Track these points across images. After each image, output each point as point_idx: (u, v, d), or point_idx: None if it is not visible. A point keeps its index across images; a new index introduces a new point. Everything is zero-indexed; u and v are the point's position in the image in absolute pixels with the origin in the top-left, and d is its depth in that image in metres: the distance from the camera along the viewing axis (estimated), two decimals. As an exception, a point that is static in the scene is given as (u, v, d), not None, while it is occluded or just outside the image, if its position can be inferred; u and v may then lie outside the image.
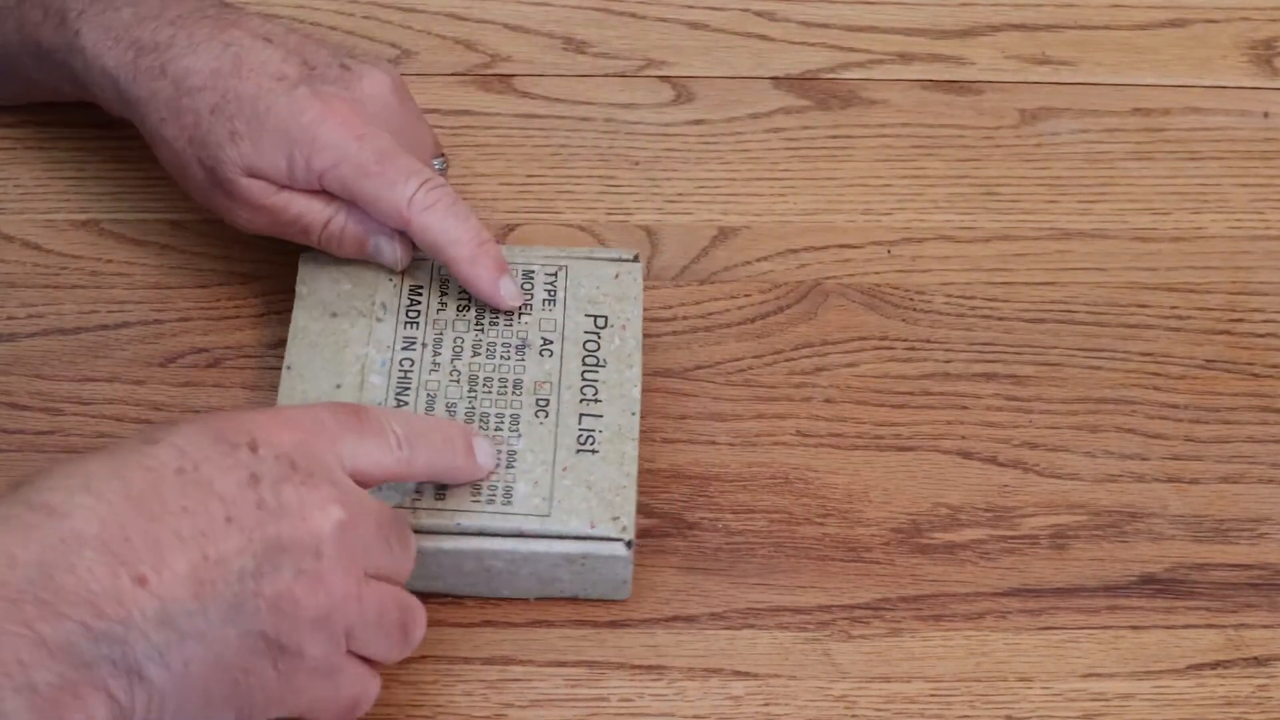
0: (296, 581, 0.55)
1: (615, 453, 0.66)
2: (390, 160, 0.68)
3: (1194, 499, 0.70)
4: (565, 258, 0.71)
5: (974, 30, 0.85)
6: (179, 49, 0.70)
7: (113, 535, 0.52)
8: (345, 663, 0.57)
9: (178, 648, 0.53)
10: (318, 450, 0.57)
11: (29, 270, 0.75)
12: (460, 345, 0.68)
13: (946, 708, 0.64)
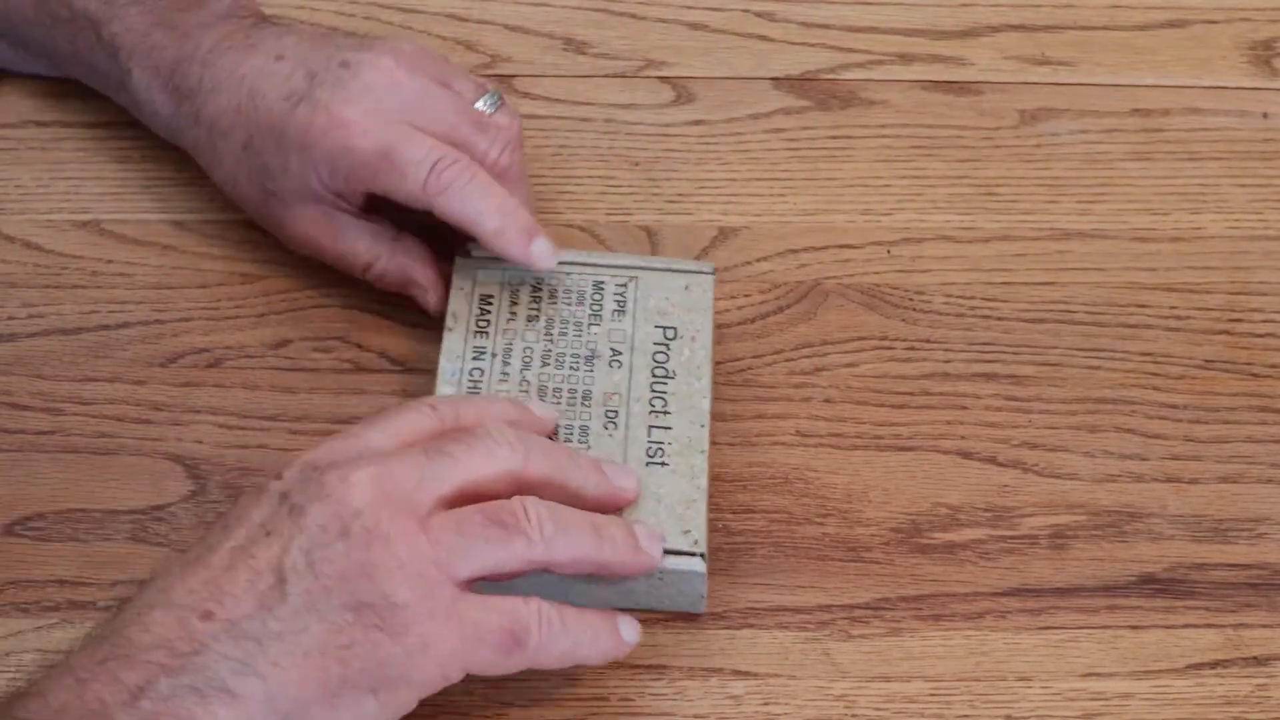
0: (349, 548, 0.56)
1: (685, 465, 0.65)
2: (394, 152, 0.68)
3: (1193, 499, 0.70)
4: (636, 267, 0.71)
5: (974, 31, 0.85)
6: (205, 93, 0.71)
7: (176, 593, 0.56)
8: (460, 596, 0.57)
9: (261, 654, 0.55)
10: (341, 447, 0.59)
11: (30, 270, 0.75)
12: (530, 355, 0.68)
13: (946, 707, 0.64)
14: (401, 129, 0.69)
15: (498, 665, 0.58)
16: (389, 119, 0.69)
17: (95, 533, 0.68)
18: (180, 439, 0.70)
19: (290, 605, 0.55)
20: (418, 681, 0.56)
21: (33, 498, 0.68)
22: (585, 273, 0.70)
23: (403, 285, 0.72)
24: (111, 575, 0.67)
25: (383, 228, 0.72)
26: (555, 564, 0.60)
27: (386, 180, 0.69)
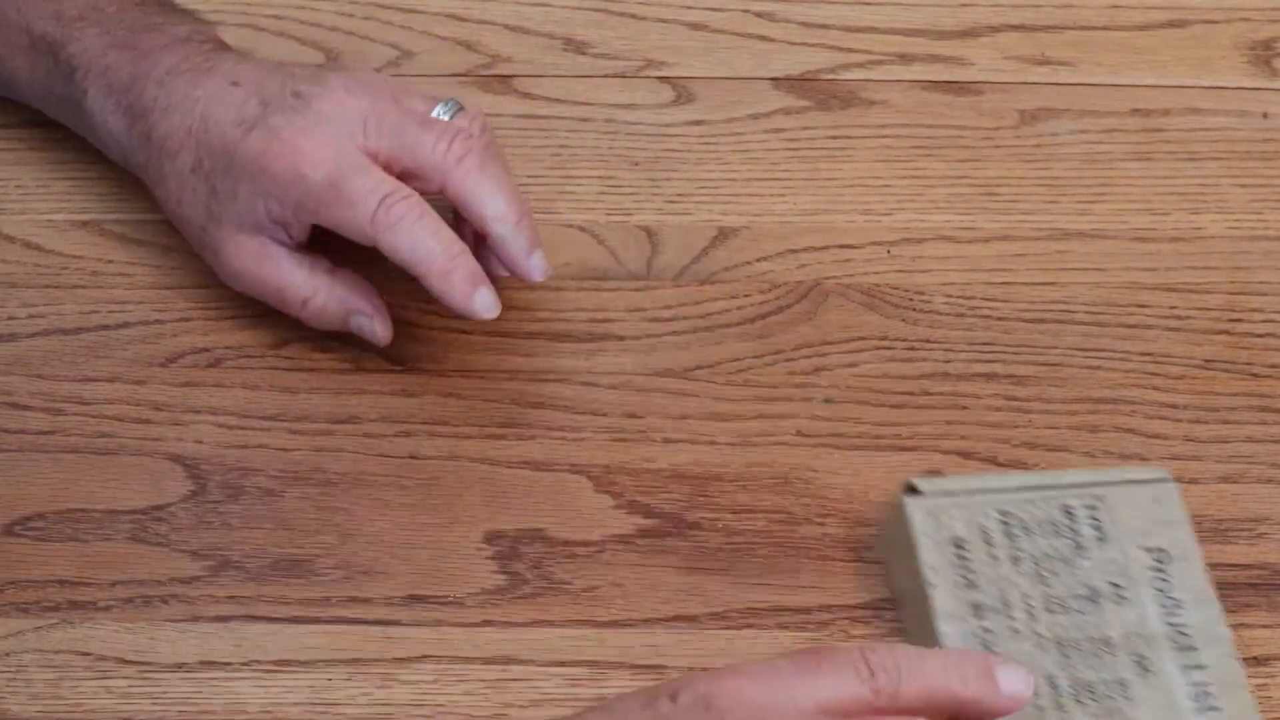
0: None
1: (1234, 706, 0.60)
2: (344, 183, 0.67)
3: (1193, 499, 0.70)
4: (1095, 484, 0.66)
5: (974, 31, 0.85)
6: (159, 112, 0.71)
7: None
8: None
9: None
10: (750, 691, 0.52)
11: (30, 270, 0.75)
12: (1030, 603, 0.62)
13: (946, 707, 0.64)
14: (354, 161, 0.68)
15: None
16: (340, 147, 0.68)
17: (95, 533, 0.68)
18: (180, 439, 0.70)
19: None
20: None
21: (33, 498, 0.68)
22: (1049, 497, 0.65)
23: (345, 316, 0.71)
24: (111, 575, 0.67)
25: (320, 262, 0.71)
26: None
27: (334, 212, 0.68)
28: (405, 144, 0.68)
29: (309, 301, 0.71)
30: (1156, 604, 0.62)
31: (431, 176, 0.69)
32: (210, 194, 0.70)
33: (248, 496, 0.69)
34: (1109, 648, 0.61)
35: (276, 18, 0.83)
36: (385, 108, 0.69)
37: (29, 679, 0.64)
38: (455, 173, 0.68)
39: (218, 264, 0.72)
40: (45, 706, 0.64)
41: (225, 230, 0.70)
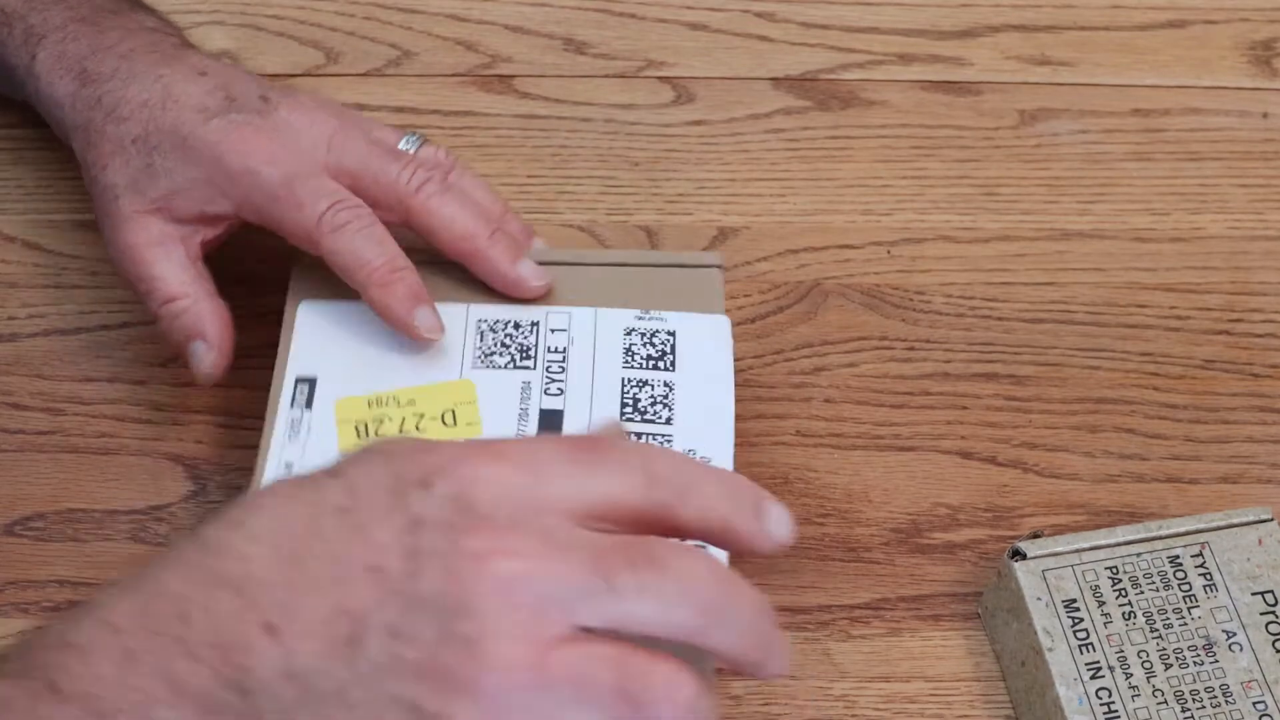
0: (444, 646, 0.46)
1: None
2: (296, 183, 0.66)
3: (1193, 499, 0.70)
4: (1198, 531, 0.65)
5: (973, 31, 0.85)
6: (118, 81, 0.69)
7: (254, 578, 0.47)
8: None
9: (308, 709, 0.46)
10: (514, 487, 0.48)
11: (30, 270, 0.75)
12: (1147, 659, 0.62)
13: (946, 707, 0.64)
14: (311, 165, 0.67)
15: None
16: (301, 155, 0.67)
17: (95, 533, 0.68)
18: (180, 439, 0.70)
19: (359, 666, 0.46)
20: None
21: (33, 498, 0.68)
22: (1155, 549, 0.64)
23: (188, 336, 0.68)
24: (111, 575, 0.67)
25: (205, 277, 0.69)
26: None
27: (281, 210, 0.67)
28: (370, 169, 0.67)
29: (174, 303, 0.68)
30: (1268, 647, 0.62)
31: (394, 207, 0.67)
32: (144, 167, 0.68)
33: (248, 496, 0.69)
34: (1228, 696, 0.61)
35: (276, 18, 0.83)
36: (353, 131, 0.68)
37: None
38: (415, 200, 0.67)
39: (112, 234, 0.69)
40: (45, 706, 0.64)
41: (142, 203, 0.68)
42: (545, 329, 0.67)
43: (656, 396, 0.65)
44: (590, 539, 0.48)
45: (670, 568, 0.47)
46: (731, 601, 0.48)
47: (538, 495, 0.48)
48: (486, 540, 0.47)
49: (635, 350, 0.66)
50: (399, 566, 0.47)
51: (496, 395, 0.65)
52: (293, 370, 0.66)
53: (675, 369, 0.66)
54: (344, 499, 0.48)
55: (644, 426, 0.64)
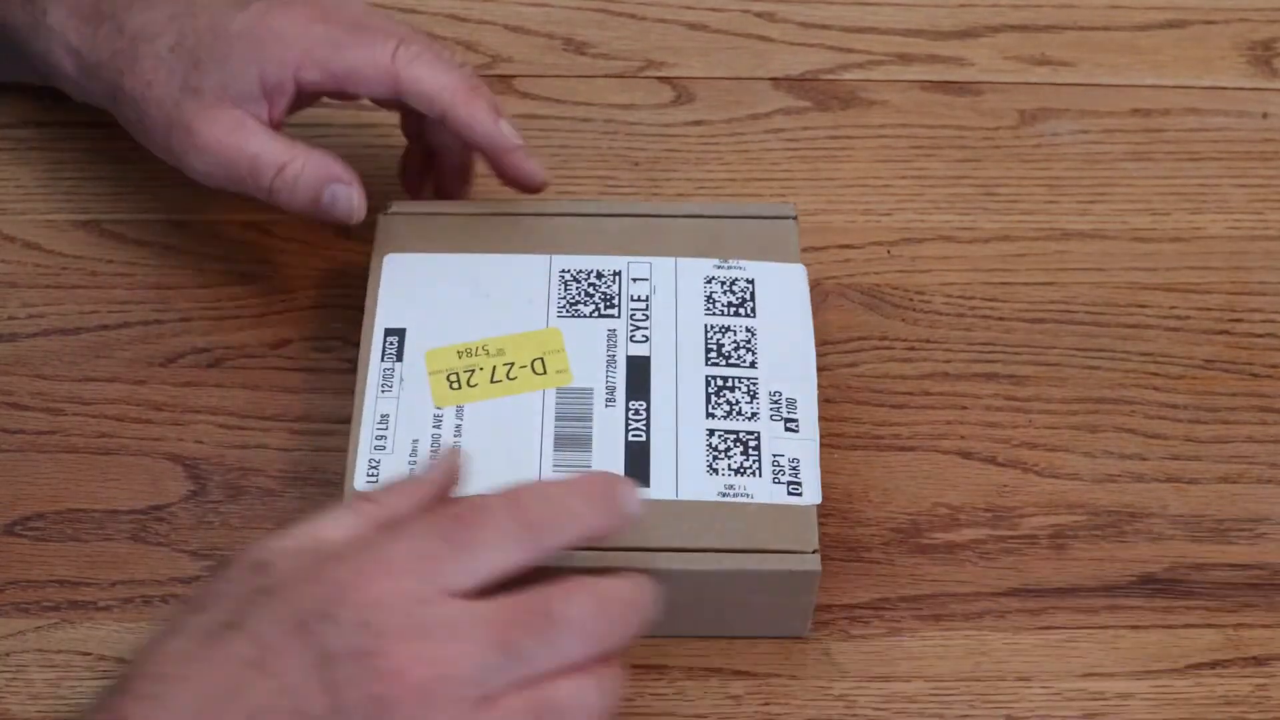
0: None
1: None
2: (363, 29, 0.68)
3: (1193, 499, 0.70)
4: None
5: (973, 31, 0.85)
6: (137, 8, 0.69)
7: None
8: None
9: None
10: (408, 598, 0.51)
11: (30, 270, 0.75)
12: None
13: (946, 707, 0.64)
14: (358, 14, 0.69)
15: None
16: (345, 8, 0.69)
17: (95, 533, 0.68)
18: (180, 439, 0.70)
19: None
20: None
21: (33, 498, 0.68)
22: None
23: (320, 186, 0.68)
24: (111, 575, 0.67)
25: (295, 139, 0.69)
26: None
27: (350, 55, 0.67)
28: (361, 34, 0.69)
29: (285, 168, 0.68)
30: None
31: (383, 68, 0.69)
32: (192, 68, 0.68)
33: (248, 496, 0.69)
34: None
35: None
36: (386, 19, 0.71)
37: (29, 679, 0.64)
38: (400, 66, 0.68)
39: (188, 141, 0.68)
40: (45, 706, 0.64)
41: (204, 101, 0.68)
42: (627, 278, 0.68)
43: (739, 342, 0.67)
44: (488, 614, 0.52)
45: (561, 620, 0.52)
46: (619, 622, 0.54)
47: (431, 595, 0.52)
48: (398, 657, 0.50)
49: (716, 298, 0.68)
50: (321, 703, 0.50)
51: (583, 343, 0.67)
52: (380, 322, 0.67)
53: (756, 315, 0.68)
54: (251, 651, 0.50)
55: (729, 370, 0.66)
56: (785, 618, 0.64)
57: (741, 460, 0.64)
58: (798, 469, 0.64)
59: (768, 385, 0.66)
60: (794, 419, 0.65)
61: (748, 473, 0.64)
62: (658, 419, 0.65)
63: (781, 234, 0.71)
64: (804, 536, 0.63)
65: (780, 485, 0.64)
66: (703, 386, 0.66)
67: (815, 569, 0.62)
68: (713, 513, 0.63)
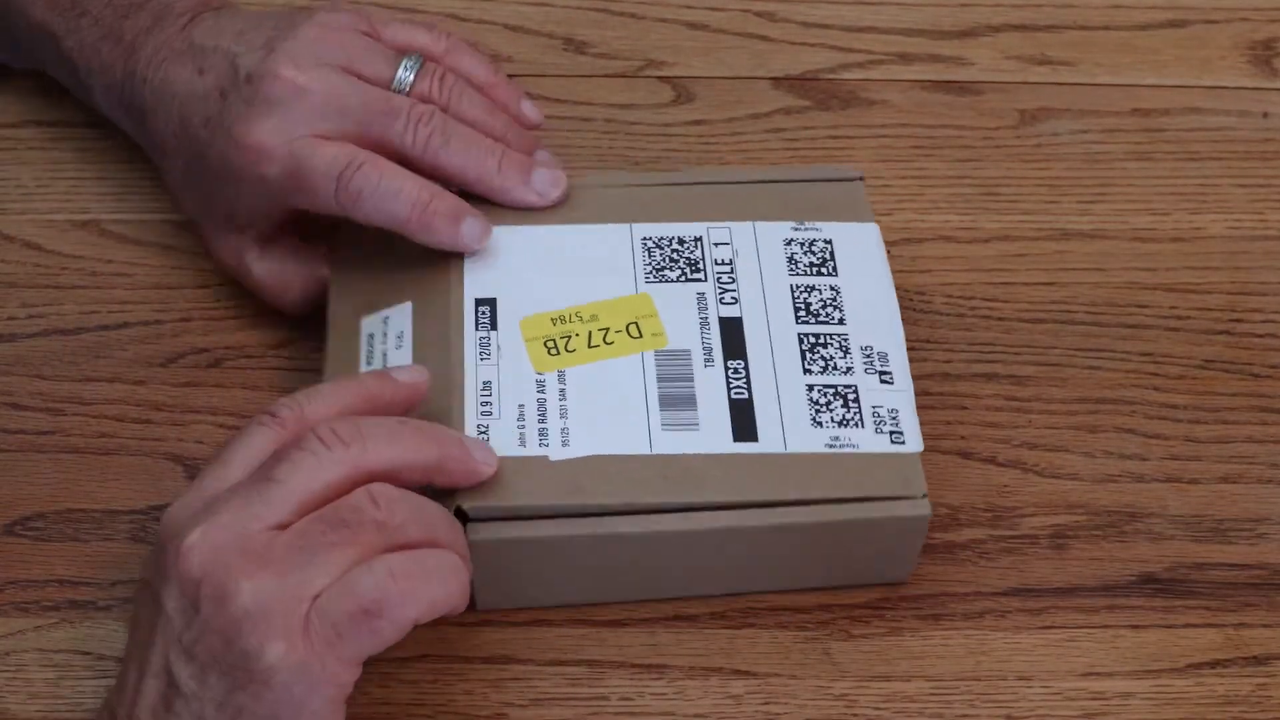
0: (206, 621, 0.55)
1: None
2: (300, 170, 0.67)
3: (1193, 499, 0.70)
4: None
5: (974, 31, 0.85)
6: (149, 114, 0.71)
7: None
8: (310, 609, 0.56)
9: None
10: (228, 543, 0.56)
11: (30, 270, 0.75)
12: None
13: (946, 707, 0.64)
14: (305, 143, 0.67)
15: (377, 644, 0.56)
16: (291, 136, 0.67)
17: (95, 533, 0.68)
18: (180, 439, 0.70)
19: (184, 697, 0.55)
20: (313, 710, 0.55)
21: (33, 498, 0.68)
22: None
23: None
24: (111, 575, 0.67)
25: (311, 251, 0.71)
26: (411, 541, 0.58)
27: (299, 199, 0.68)
28: (370, 131, 0.68)
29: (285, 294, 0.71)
30: None
31: (401, 163, 0.68)
32: (205, 197, 0.70)
33: (248, 496, 0.69)
34: None
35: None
36: (341, 88, 0.68)
37: (29, 679, 0.64)
38: (423, 159, 0.68)
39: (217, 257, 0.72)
40: (45, 706, 0.64)
41: (208, 228, 0.71)
42: (708, 243, 0.69)
43: (825, 300, 0.68)
44: (289, 532, 0.56)
45: (302, 442, 0.58)
46: (362, 423, 0.59)
47: (248, 536, 0.56)
48: (176, 536, 0.56)
49: (797, 259, 0.69)
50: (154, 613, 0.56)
51: (674, 307, 0.67)
52: (470, 293, 0.67)
53: (838, 274, 0.68)
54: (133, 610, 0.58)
55: (819, 328, 0.67)
56: (892, 564, 0.66)
57: (843, 413, 0.65)
58: (898, 418, 0.65)
59: (858, 340, 0.67)
60: (887, 372, 0.66)
61: (851, 424, 0.64)
62: (757, 377, 0.65)
63: (851, 195, 0.71)
64: (912, 482, 0.64)
65: (883, 435, 0.64)
66: (796, 344, 0.66)
67: (926, 513, 0.63)
68: (821, 464, 0.63)
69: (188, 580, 0.55)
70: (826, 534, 0.63)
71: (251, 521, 0.56)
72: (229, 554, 0.55)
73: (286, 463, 0.57)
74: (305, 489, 0.57)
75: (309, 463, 0.57)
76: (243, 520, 0.56)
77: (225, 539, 0.55)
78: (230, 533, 0.56)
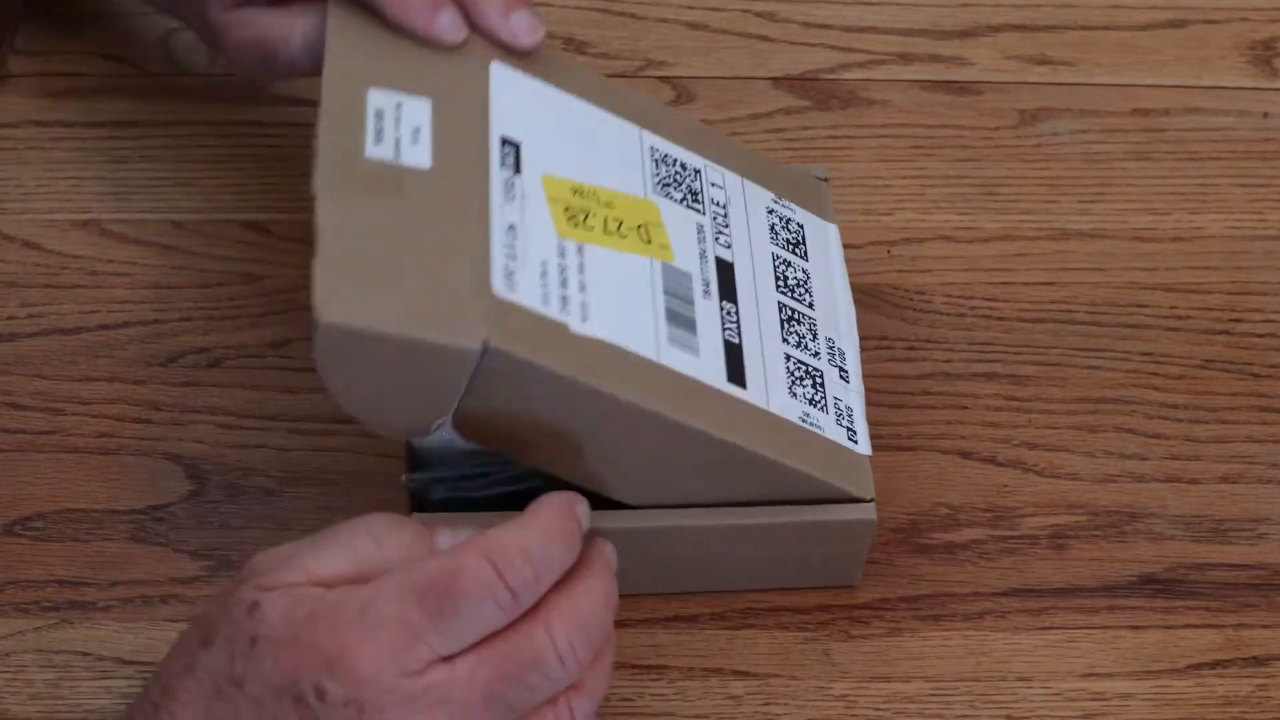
0: None
1: None
2: None
3: (1193, 499, 0.70)
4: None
5: (974, 31, 0.85)
6: None
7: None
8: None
9: None
10: (396, 671, 0.52)
11: (30, 270, 0.75)
12: None
13: (946, 707, 0.64)
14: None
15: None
16: None
17: (95, 533, 0.68)
18: (180, 439, 0.70)
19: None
20: None
21: (33, 498, 0.68)
22: None
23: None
24: (111, 575, 0.67)
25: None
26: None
27: None
28: None
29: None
30: None
31: None
32: None
33: (248, 496, 0.69)
34: None
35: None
36: None
37: (29, 679, 0.64)
38: None
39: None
40: (45, 706, 0.64)
41: None
42: (706, 180, 0.68)
43: (799, 280, 0.68)
44: (473, 672, 0.53)
45: (545, 658, 0.54)
46: (600, 631, 0.55)
47: (415, 665, 0.52)
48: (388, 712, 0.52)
49: (777, 230, 0.69)
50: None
51: (677, 228, 0.66)
52: (496, 129, 0.63)
53: (808, 259, 0.69)
54: (254, 715, 0.53)
55: (795, 304, 0.67)
56: (840, 567, 0.66)
57: (813, 393, 0.65)
58: (853, 418, 0.65)
59: (824, 330, 0.67)
60: (846, 370, 0.66)
61: (818, 406, 0.65)
62: (746, 327, 0.65)
63: (820, 192, 0.72)
64: (864, 485, 0.64)
65: (842, 429, 0.65)
66: (776, 311, 0.66)
67: (873, 518, 0.63)
68: (797, 434, 0.63)
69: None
70: (772, 535, 0.63)
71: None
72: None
73: (524, 690, 0.54)
74: (530, 709, 0.55)
75: (545, 692, 0.55)
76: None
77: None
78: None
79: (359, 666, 0.52)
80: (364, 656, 0.52)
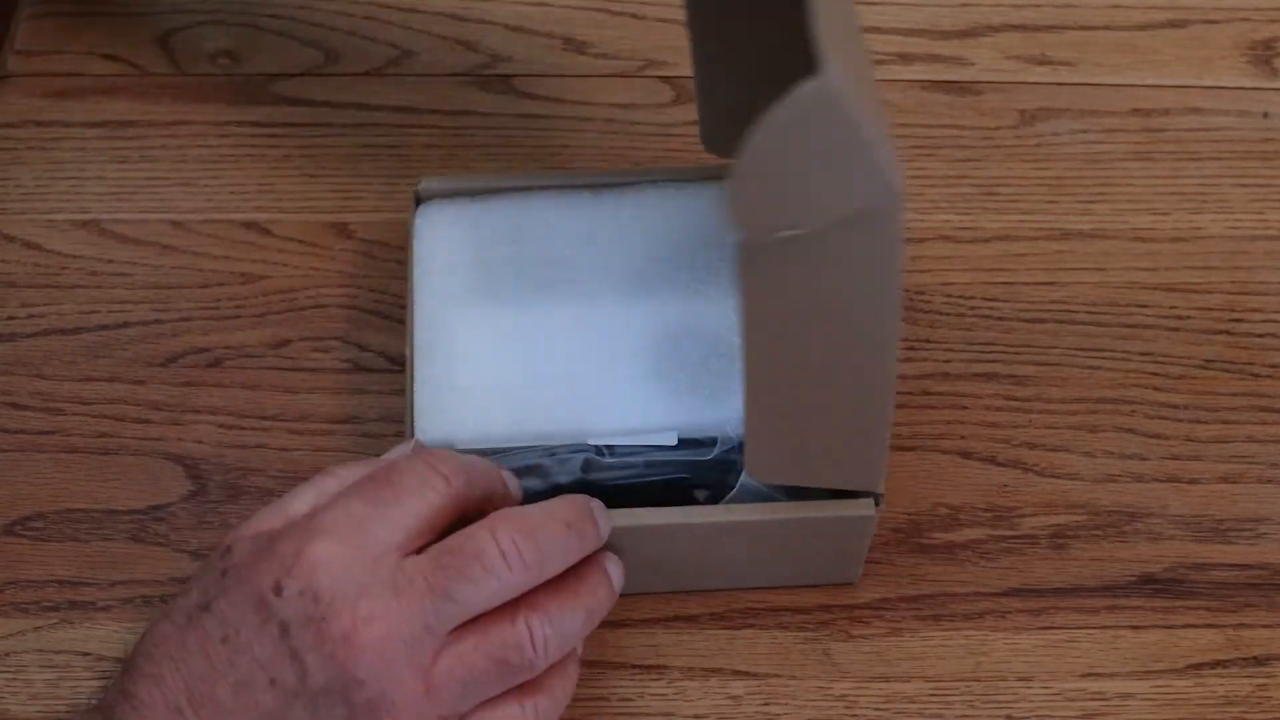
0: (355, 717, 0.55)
1: None
2: None
3: (1193, 499, 0.70)
4: None
5: (974, 31, 0.85)
6: None
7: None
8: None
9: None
10: (344, 558, 0.55)
11: (30, 270, 0.75)
12: None
13: (946, 707, 0.64)
14: None
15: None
16: None
17: (95, 533, 0.68)
18: (180, 439, 0.70)
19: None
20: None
21: (33, 498, 0.69)
22: None
23: None
24: (111, 575, 0.67)
25: None
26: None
27: None
28: None
29: None
30: None
31: None
32: None
33: (248, 496, 0.69)
34: None
35: (276, 17, 0.83)
36: None
37: (29, 679, 0.64)
38: None
39: None
40: (45, 706, 0.64)
41: None
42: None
43: None
44: (421, 566, 0.56)
45: (487, 556, 0.56)
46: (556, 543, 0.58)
47: (365, 554, 0.56)
48: (344, 620, 0.54)
49: None
50: (289, 671, 0.54)
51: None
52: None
53: None
54: (221, 630, 0.55)
55: None
56: (840, 564, 0.66)
57: None
58: None
59: None
60: None
61: None
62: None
63: None
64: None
65: None
66: None
67: (871, 514, 0.63)
68: None
69: (349, 674, 0.54)
70: (772, 532, 0.63)
71: (425, 635, 0.55)
72: (398, 665, 0.55)
73: (469, 583, 0.56)
74: (478, 609, 0.57)
75: (491, 587, 0.56)
76: (416, 628, 0.55)
77: (396, 651, 0.55)
78: (402, 643, 0.55)
79: (311, 556, 0.55)
80: (316, 548, 0.55)
